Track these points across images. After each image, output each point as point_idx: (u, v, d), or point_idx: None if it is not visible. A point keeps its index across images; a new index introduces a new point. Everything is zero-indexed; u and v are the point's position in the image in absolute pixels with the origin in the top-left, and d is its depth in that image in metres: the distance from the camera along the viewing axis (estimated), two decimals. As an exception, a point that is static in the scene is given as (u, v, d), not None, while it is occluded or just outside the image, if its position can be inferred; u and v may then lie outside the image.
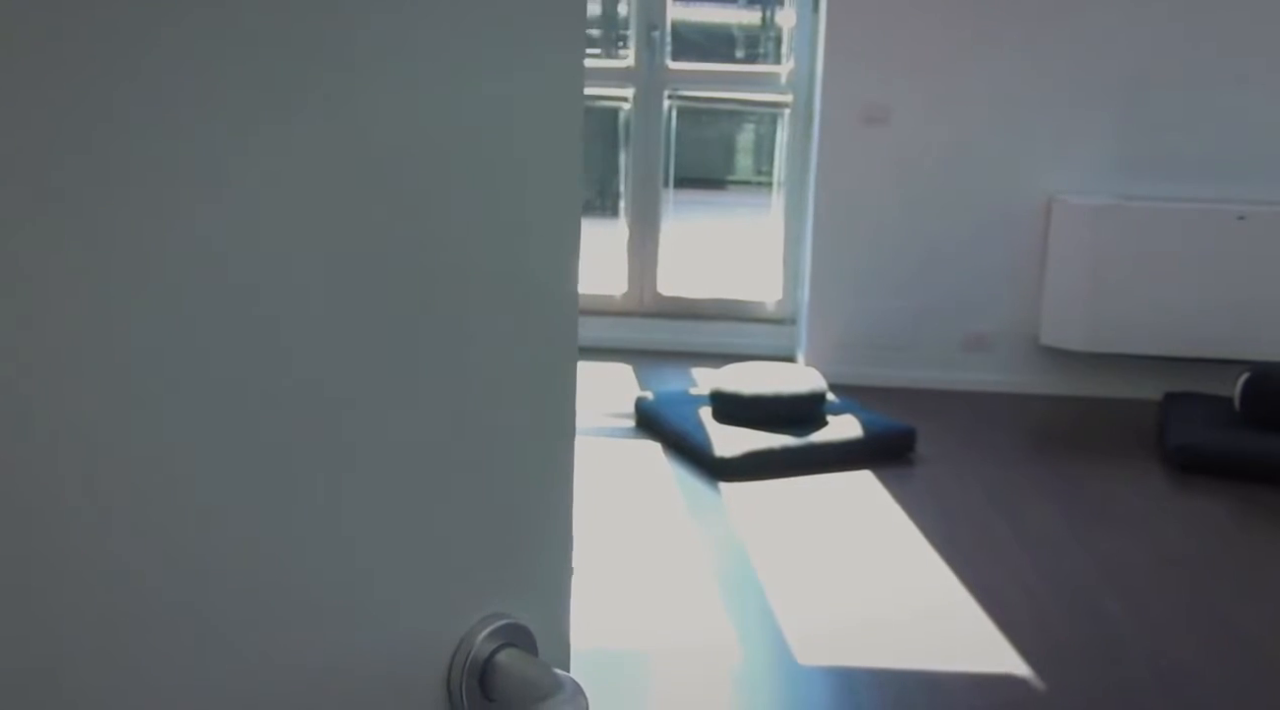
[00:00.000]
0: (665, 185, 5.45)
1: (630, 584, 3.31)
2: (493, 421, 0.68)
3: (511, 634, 0.69)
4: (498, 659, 0.68)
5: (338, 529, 0.62)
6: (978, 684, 2.89)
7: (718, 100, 5.68)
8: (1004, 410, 4.87)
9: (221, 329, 0.56)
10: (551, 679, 0.68)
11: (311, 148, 0.58)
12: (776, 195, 5.48)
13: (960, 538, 3.68)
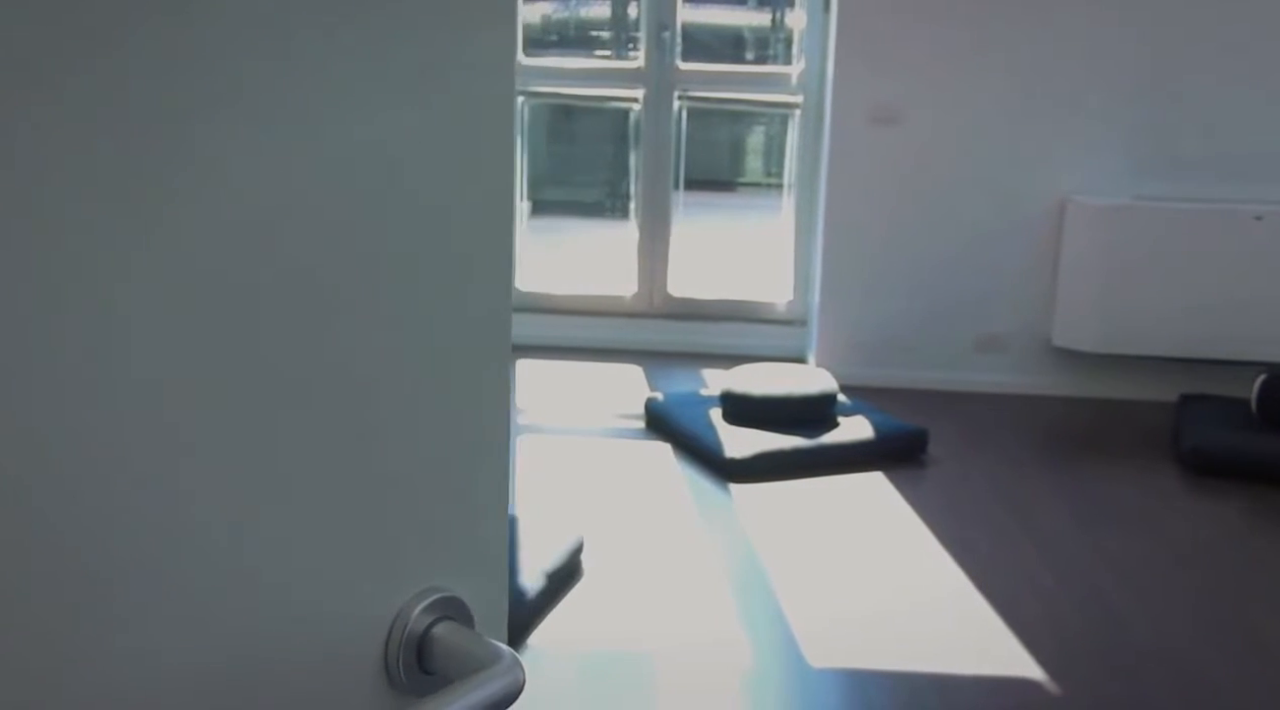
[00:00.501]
0: (675, 187, 5.43)
1: (641, 585, 3.29)
2: (425, 396, 0.68)
3: (448, 607, 0.70)
4: (434, 632, 0.68)
5: (269, 505, 0.61)
6: (990, 686, 2.85)
7: (728, 101, 5.65)
8: (1016, 412, 4.83)
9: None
10: (489, 650, 0.68)
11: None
12: (787, 197, 5.45)
13: (972, 539, 3.64)
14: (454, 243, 0.68)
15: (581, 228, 6.61)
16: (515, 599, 3.00)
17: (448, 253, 0.68)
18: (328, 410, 0.63)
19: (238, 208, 0.58)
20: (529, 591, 3.05)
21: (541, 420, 4.54)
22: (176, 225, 0.56)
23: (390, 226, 0.65)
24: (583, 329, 5.44)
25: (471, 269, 0.70)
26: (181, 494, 0.58)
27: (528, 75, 5.34)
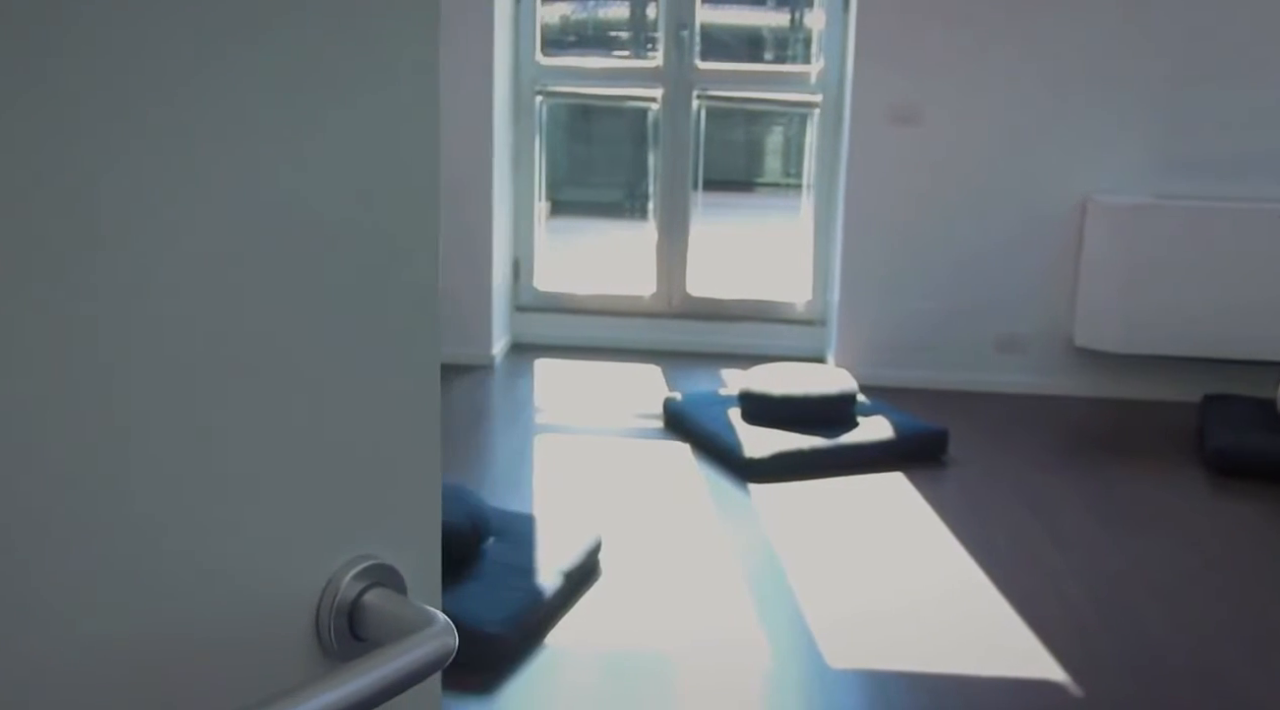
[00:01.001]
0: (694, 187, 5.40)
1: (659, 585, 3.26)
2: (353, 366, 0.69)
3: (379, 574, 0.70)
4: (365, 599, 0.68)
5: (197, 475, 0.61)
6: (1013, 689, 2.82)
7: (747, 100, 5.63)
8: (1038, 412, 4.79)
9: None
10: (421, 614, 0.68)
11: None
12: (805, 197, 5.42)
13: (994, 541, 3.60)
14: (378, 218, 0.69)
15: (600, 228, 6.60)
16: (532, 598, 2.98)
17: (372, 228, 0.69)
18: (255, 381, 0.63)
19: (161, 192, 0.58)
20: (546, 591, 3.04)
21: (559, 420, 4.52)
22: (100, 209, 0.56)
23: (314, 205, 0.66)
24: (601, 329, 5.42)
25: (397, 243, 0.71)
26: (110, 466, 0.57)
27: (545, 75, 5.33)
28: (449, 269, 5.02)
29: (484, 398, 4.82)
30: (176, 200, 0.59)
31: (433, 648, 0.66)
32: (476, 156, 4.98)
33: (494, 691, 2.72)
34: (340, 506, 0.69)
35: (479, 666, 2.79)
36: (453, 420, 4.49)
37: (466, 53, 4.88)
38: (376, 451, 0.71)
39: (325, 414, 0.68)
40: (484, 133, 4.96)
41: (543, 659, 2.86)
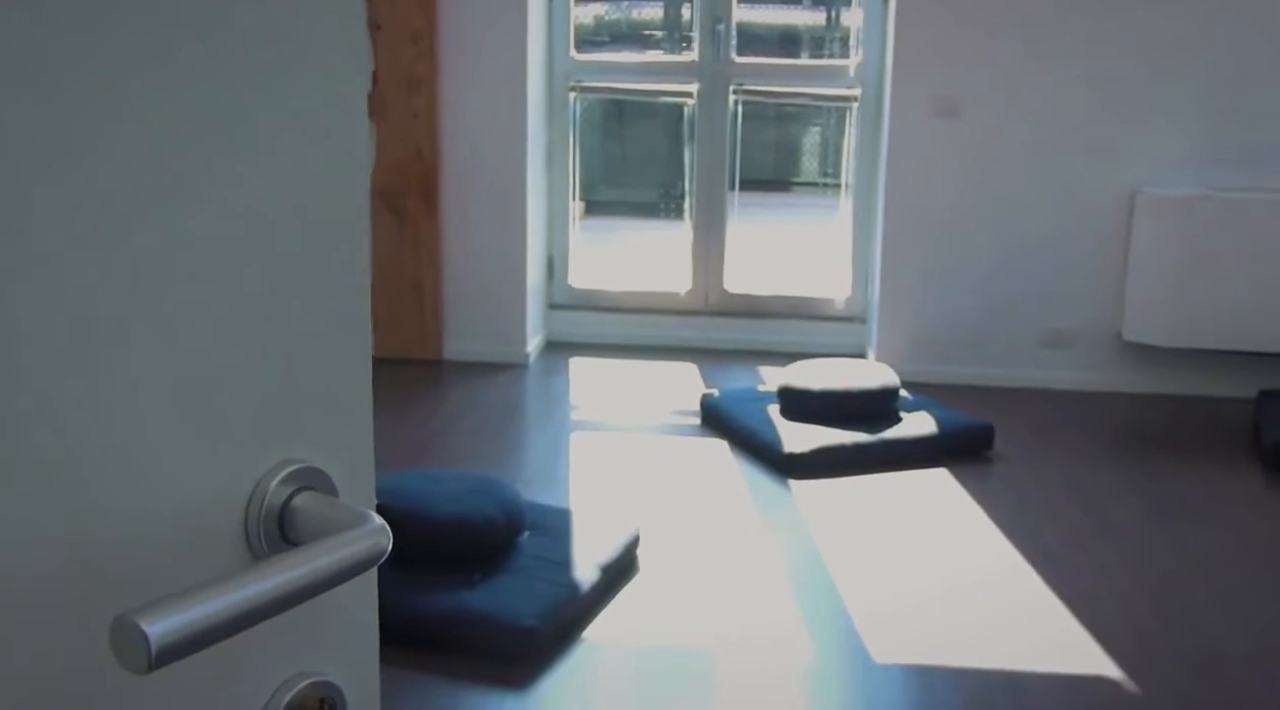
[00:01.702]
0: (731, 187, 5.32)
1: (698, 580, 3.18)
2: (280, 268, 0.68)
3: (308, 478, 0.69)
4: (295, 503, 0.67)
5: (123, 380, 0.60)
6: (1065, 685, 2.72)
7: (784, 95, 5.54)
8: (1085, 409, 4.67)
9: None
10: (354, 514, 0.67)
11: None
12: (844, 197, 5.33)
13: (1044, 536, 3.50)
14: (304, 127, 0.69)
15: (635, 228, 6.53)
16: (568, 592, 2.91)
17: (298, 134, 0.68)
18: (180, 284, 0.62)
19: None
20: (582, 585, 2.96)
21: (595, 417, 4.45)
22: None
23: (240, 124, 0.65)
24: (637, 327, 5.35)
25: (323, 143, 0.70)
26: (33, 370, 0.57)
27: (579, 70, 5.27)
28: (483, 267, 4.99)
29: (518, 395, 4.76)
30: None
31: (365, 546, 0.65)
32: (511, 153, 4.93)
33: (529, 686, 2.64)
34: (267, 410, 0.68)
35: (513, 661, 2.72)
36: (487, 417, 4.43)
37: (500, 49, 4.84)
38: (306, 352, 0.70)
39: (252, 318, 0.66)
40: (518, 129, 4.90)
41: (579, 654, 2.79)
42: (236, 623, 0.59)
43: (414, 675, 2.67)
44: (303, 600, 0.63)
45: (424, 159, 4.88)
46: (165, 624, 0.55)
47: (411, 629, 2.79)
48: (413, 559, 2.98)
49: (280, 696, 0.70)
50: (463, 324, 5.07)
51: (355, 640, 0.75)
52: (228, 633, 0.59)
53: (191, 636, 0.56)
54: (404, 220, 4.95)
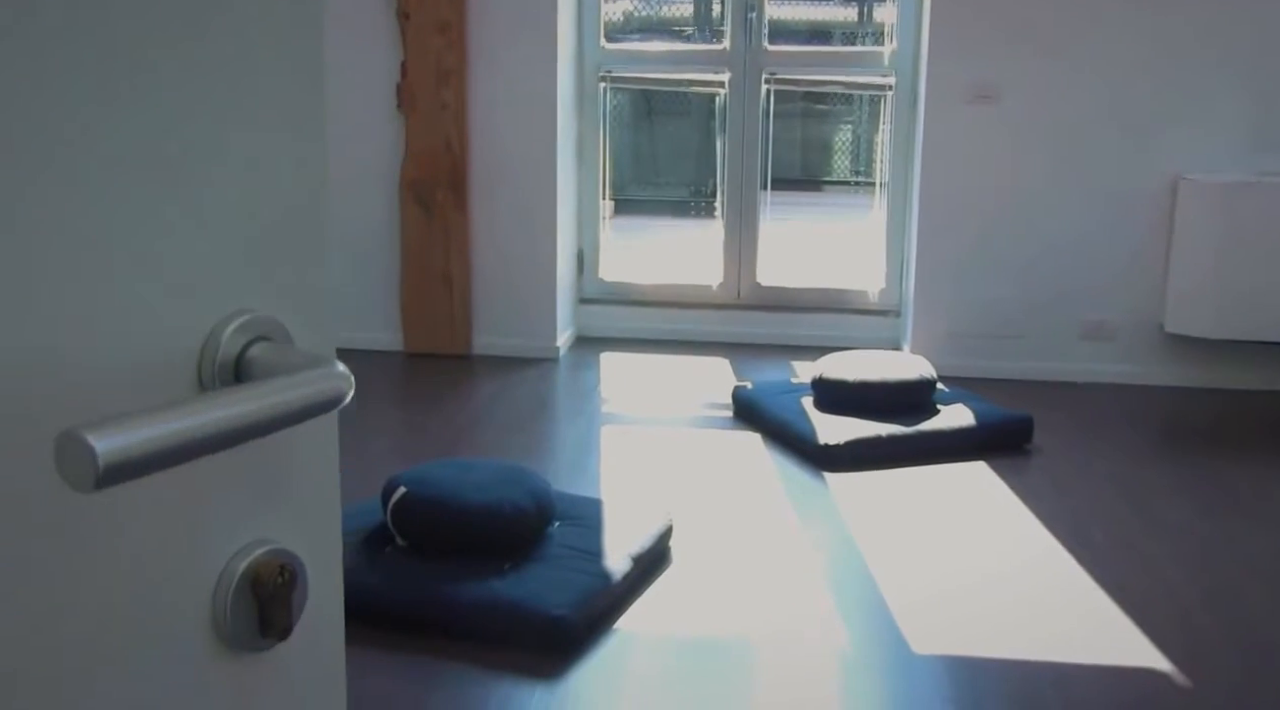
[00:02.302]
0: (764, 182, 5.25)
1: (732, 571, 3.11)
2: (231, 103, 0.67)
3: (263, 328, 0.68)
4: (250, 353, 0.67)
5: (68, 227, 0.59)
6: (1113, 677, 2.63)
7: (818, 83, 5.47)
8: (1127, 402, 4.57)
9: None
10: (314, 358, 0.66)
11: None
12: (877, 195, 5.25)
13: (1087, 530, 3.41)
14: None
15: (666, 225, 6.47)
16: (600, 582, 2.85)
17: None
18: (134, 120, 0.61)
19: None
20: (614, 574, 2.89)
21: (626, 410, 4.39)
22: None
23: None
24: (667, 321, 5.28)
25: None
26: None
27: (610, 60, 5.22)
28: (513, 260, 4.94)
29: (548, 389, 4.70)
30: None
31: (324, 386, 0.64)
32: (541, 145, 4.88)
33: (560, 676, 2.58)
34: (219, 259, 0.66)
35: (544, 650, 2.66)
36: (517, 410, 4.37)
37: (530, 38, 4.79)
38: (259, 202, 0.68)
39: (203, 174, 0.65)
40: (548, 120, 4.85)
41: (612, 644, 2.72)
42: (188, 449, 0.57)
43: (444, 664, 2.62)
44: (258, 434, 0.61)
45: (453, 151, 4.84)
46: (113, 441, 0.53)
47: (441, 618, 2.74)
48: (442, 548, 2.93)
49: (235, 564, 0.68)
50: (492, 318, 5.02)
51: (316, 510, 0.73)
52: (178, 458, 0.57)
53: (140, 457, 0.55)
54: (433, 213, 4.90)
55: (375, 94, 4.87)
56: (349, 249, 5.01)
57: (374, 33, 4.82)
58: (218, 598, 0.67)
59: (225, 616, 0.67)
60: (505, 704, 2.47)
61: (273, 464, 0.68)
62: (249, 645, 0.69)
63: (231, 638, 0.68)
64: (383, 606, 2.78)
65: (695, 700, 2.53)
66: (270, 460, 0.69)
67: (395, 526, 2.98)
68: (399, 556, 2.93)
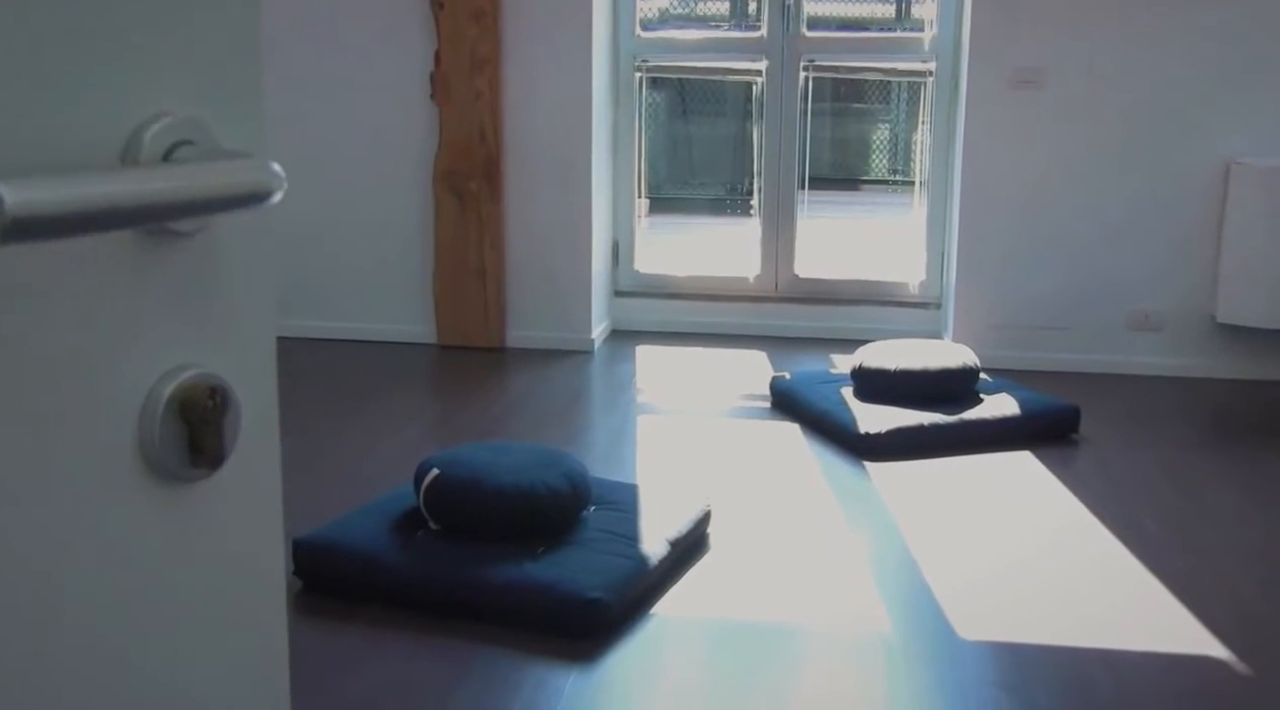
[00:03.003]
0: (802, 172, 5.17)
1: (773, 558, 3.03)
2: None
3: (188, 130, 0.65)
4: (176, 156, 0.64)
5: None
6: (1168, 664, 2.53)
7: (856, 70, 5.38)
8: (1177, 394, 4.45)
9: None
10: (240, 153, 0.65)
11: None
12: (917, 195, 5.16)
13: (1138, 518, 3.30)
14: None
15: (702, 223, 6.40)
16: (636, 566, 2.77)
17: None
18: None
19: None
20: (651, 559, 2.82)
21: (662, 401, 4.32)
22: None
23: None
24: (704, 314, 5.21)
25: None
26: None
27: (645, 49, 5.15)
28: (548, 251, 4.88)
29: (583, 381, 4.63)
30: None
31: (251, 176, 0.62)
32: (575, 134, 4.82)
33: (595, 660, 2.51)
34: (140, 57, 0.64)
35: (579, 634, 2.58)
36: (551, 401, 4.31)
37: (565, 26, 4.74)
38: (182, 8, 0.66)
39: None
40: (583, 109, 4.80)
41: (649, 628, 2.65)
42: (103, 217, 0.55)
43: (477, 647, 2.55)
44: (180, 216, 0.60)
45: (487, 141, 4.79)
46: (26, 193, 0.51)
47: (473, 601, 2.67)
48: (475, 531, 2.86)
49: (162, 388, 0.65)
50: (526, 310, 4.96)
51: (247, 335, 0.71)
52: (94, 225, 0.55)
53: (53, 215, 0.52)
54: (466, 203, 4.86)
55: (409, 84, 4.83)
56: (381, 240, 4.97)
57: (407, 22, 4.79)
58: (144, 423, 0.64)
59: (154, 443, 0.64)
60: (539, 687, 2.40)
61: (201, 285, 0.65)
62: (179, 474, 0.66)
63: (160, 466, 0.65)
64: (414, 590, 2.72)
65: (735, 685, 2.45)
66: (199, 281, 0.66)
67: (428, 509, 2.92)
68: (431, 540, 2.86)
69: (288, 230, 5.03)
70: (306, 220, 5.01)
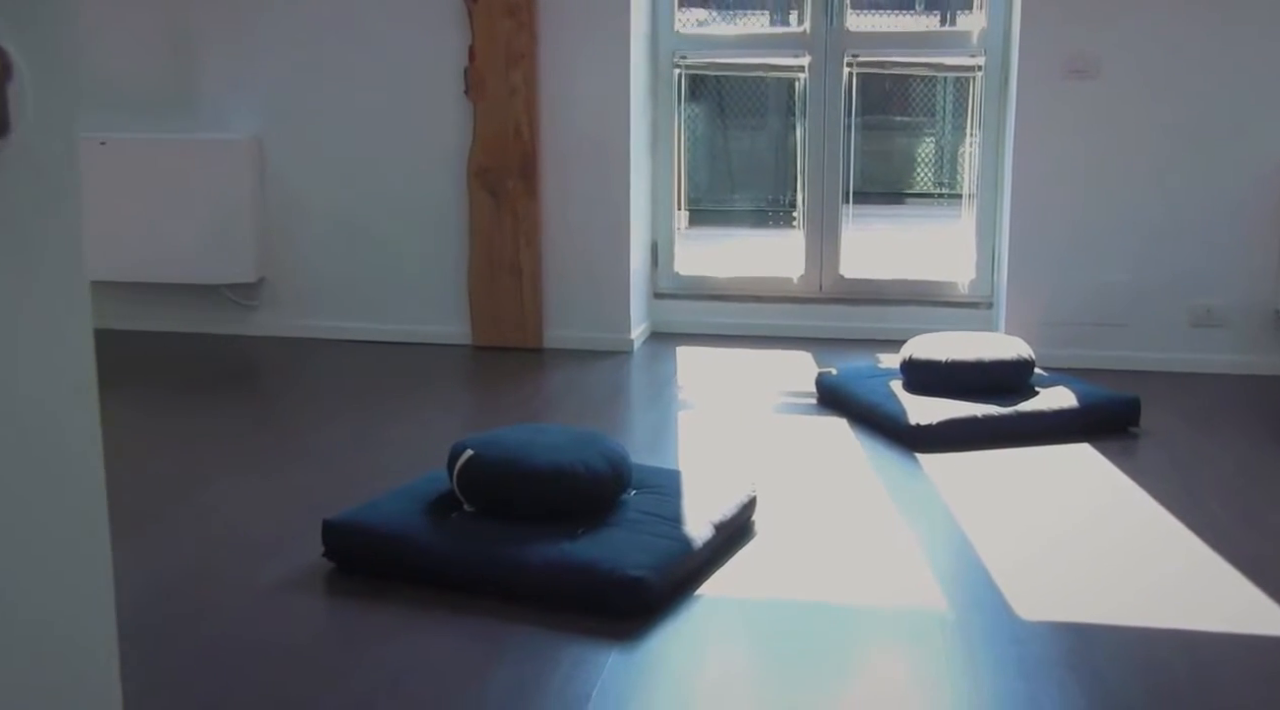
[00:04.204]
0: (845, 188, 5.05)
1: (825, 542, 2.90)
2: None
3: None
4: None
5: None
6: (1246, 646, 2.37)
7: (903, 65, 5.26)
8: (1242, 392, 4.28)
9: None
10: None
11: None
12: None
13: (1207, 506, 3.14)
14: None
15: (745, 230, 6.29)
16: (680, 546, 2.64)
17: None
18: None
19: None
20: (695, 541, 2.69)
21: (704, 398, 4.19)
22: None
23: None
24: (746, 315, 5.09)
25: None
26: None
27: (683, 44, 5.07)
28: (586, 251, 4.78)
29: (623, 378, 4.52)
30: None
31: None
32: (614, 131, 4.73)
33: (638, 640, 2.38)
34: None
35: (622, 614, 2.46)
36: (590, 398, 4.20)
37: (602, 20, 4.66)
38: None
39: None
40: (621, 105, 4.71)
41: (694, 609, 2.52)
42: None
43: (513, 626, 2.43)
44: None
45: (523, 137, 4.71)
46: None
47: (508, 580, 2.56)
48: (510, 513, 2.75)
49: None
50: (563, 310, 4.86)
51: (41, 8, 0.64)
52: None
53: None
54: (502, 202, 4.77)
55: (442, 79, 4.77)
56: (415, 238, 4.89)
57: (441, 16, 4.73)
58: None
59: None
60: (578, 665, 2.27)
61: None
62: None
63: None
64: (448, 570, 2.60)
65: (785, 664, 2.31)
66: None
67: (462, 491, 2.81)
68: (466, 521, 2.75)
69: (316, 229, 4.97)
70: (337, 219, 4.94)
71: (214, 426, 3.86)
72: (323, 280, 5.01)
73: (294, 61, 4.87)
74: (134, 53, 4.99)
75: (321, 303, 5.02)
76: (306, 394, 4.27)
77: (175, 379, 4.49)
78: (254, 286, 5.07)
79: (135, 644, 2.34)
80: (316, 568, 2.72)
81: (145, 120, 5.01)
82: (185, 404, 4.16)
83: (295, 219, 4.99)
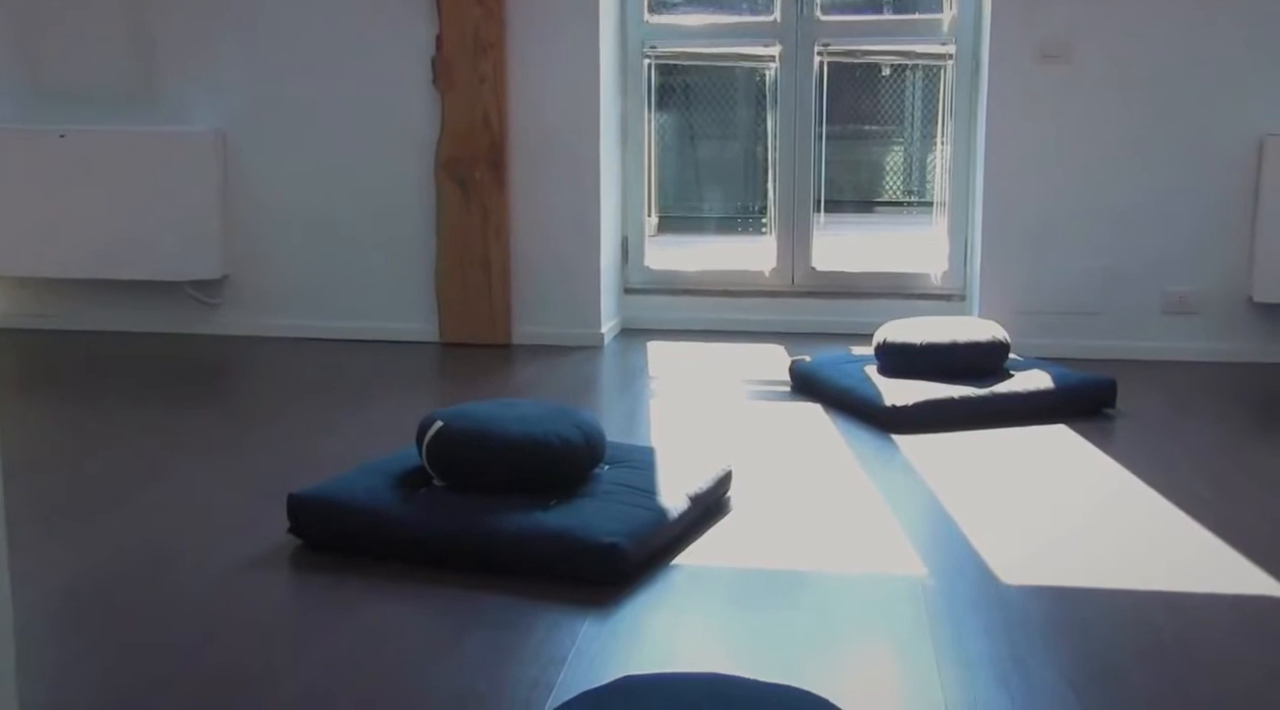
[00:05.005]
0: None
1: (801, 515, 2.84)
2: None
3: None
4: None
5: None
6: (1229, 604, 2.33)
7: (874, 53, 5.24)
8: (1215, 379, 4.26)
9: None
10: None
11: None
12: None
13: (1188, 480, 3.11)
14: None
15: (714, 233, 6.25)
16: (655, 516, 2.58)
17: None
18: None
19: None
20: (671, 511, 2.63)
21: (677, 388, 4.13)
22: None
23: None
24: (718, 310, 5.04)
25: None
26: None
27: (653, 34, 5.04)
28: (556, 243, 4.72)
29: (594, 371, 4.46)
30: None
31: None
32: (584, 123, 4.68)
33: (612, 608, 2.31)
34: None
35: (595, 583, 2.39)
36: (561, 390, 4.13)
37: (571, 8, 4.62)
38: None
39: None
40: (590, 97, 4.67)
41: (670, 578, 2.45)
42: None
43: (486, 595, 2.36)
44: None
45: (492, 127, 4.66)
46: None
47: (481, 550, 2.48)
48: (481, 485, 2.68)
49: None
50: (533, 305, 4.79)
51: None
52: None
53: None
54: (471, 195, 4.71)
55: (409, 68, 4.71)
56: (380, 232, 4.82)
57: (408, 4, 4.68)
58: None
59: None
60: (551, 632, 2.20)
61: None
62: None
63: None
64: (419, 542, 2.52)
65: (763, 628, 2.25)
66: None
67: (431, 464, 2.73)
68: (435, 495, 2.68)
69: (281, 224, 4.89)
70: (302, 213, 4.86)
71: (175, 421, 3.77)
72: (288, 277, 4.92)
73: (257, 51, 4.81)
74: (93, 43, 4.90)
75: (287, 300, 4.94)
76: (271, 390, 4.19)
77: (135, 378, 4.39)
78: (217, 284, 4.98)
79: (97, 622, 2.26)
80: (282, 545, 2.64)
81: (105, 112, 4.92)
82: (145, 400, 4.06)
83: (259, 214, 4.91)
